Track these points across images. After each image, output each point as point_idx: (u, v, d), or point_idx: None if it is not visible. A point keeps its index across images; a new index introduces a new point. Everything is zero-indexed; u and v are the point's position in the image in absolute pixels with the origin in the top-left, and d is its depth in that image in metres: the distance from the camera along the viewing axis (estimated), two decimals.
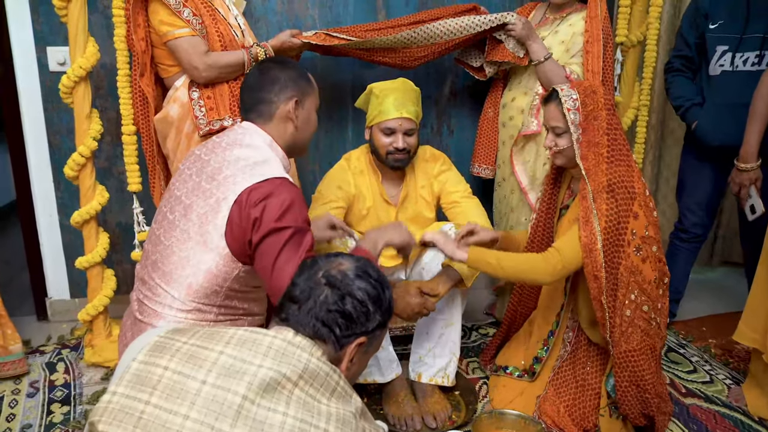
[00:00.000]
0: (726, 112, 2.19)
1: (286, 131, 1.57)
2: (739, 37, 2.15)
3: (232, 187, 1.38)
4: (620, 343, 1.72)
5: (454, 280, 1.88)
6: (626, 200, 1.70)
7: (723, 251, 3.39)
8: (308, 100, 1.60)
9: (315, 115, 1.65)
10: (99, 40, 2.15)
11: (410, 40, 2.22)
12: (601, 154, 1.72)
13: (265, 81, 1.56)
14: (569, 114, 1.74)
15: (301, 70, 1.62)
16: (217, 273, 1.39)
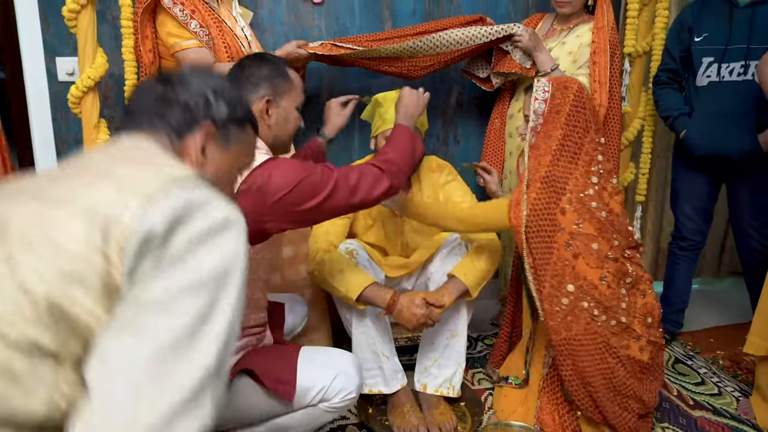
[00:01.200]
0: (714, 121, 2.22)
1: (262, 130, 1.54)
2: (723, 48, 2.18)
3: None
4: (560, 330, 1.74)
5: (459, 290, 1.88)
6: (554, 194, 1.76)
7: (731, 262, 3.37)
8: (285, 98, 1.57)
9: (295, 113, 1.61)
10: (107, 51, 2.17)
11: (416, 50, 2.23)
12: (550, 146, 1.78)
13: (240, 79, 1.54)
14: (534, 103, 1.82)
15: (280, 67, 1.58)
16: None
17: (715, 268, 3.41)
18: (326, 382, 1.49)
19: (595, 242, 1.74)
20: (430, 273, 2.05)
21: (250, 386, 1.48)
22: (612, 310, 1.75)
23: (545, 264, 1.74)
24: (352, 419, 1.98)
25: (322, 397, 1.49)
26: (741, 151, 2.19)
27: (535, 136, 1.80)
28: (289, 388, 1.45)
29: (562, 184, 1.76)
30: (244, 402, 1.50)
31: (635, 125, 2.56)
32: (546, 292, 1.75)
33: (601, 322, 1.74)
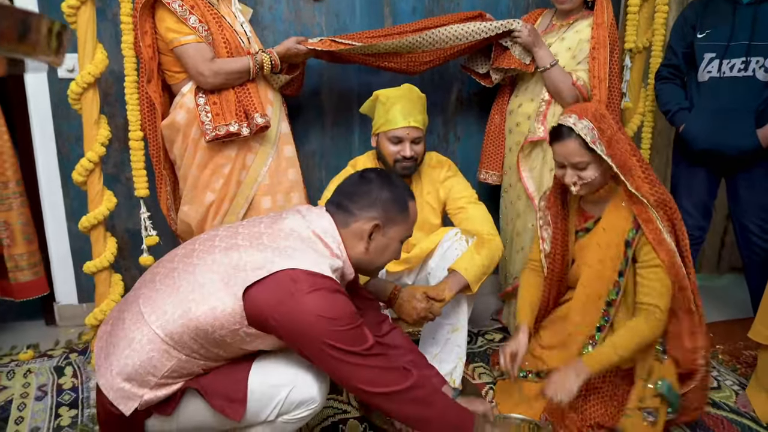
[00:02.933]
0: (714, 117, 2.24)
1: (356, 247, 1.47)
2: (725, 45, 2.21)
3: (287, 259, 1.31)
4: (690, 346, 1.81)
5: (460, 285, 1.88)
6: (678, 221, 1.77)
7: (730, 258, 3.38)
8: (394, 228, 1.49)
9: (398, 245, 1.54)
10: (107, 48, 2.17)
11: (416, 45, 2.24)
12: (638, 176, 1.74)
13: (358, 189, 1.48)
14: (597, 146, 1.69)
15: (403, 196, 1.51)
16: (220, 317, 1.30)
17: (715, 264, 3.41)
18: (281, 396, 1.39)
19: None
20: (431, 268, 2.05)
21: (200, 405, 1.41)
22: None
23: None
24: (353, 413, 1.98)
25: (279, 411, 1.41)
26: (740, 147, 2.20)
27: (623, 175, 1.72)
28: (237, 406, 1.37)
29: (672, 202, 1.79)
30: (196, 419, 1.43)
31: (635, 121, 2.57)
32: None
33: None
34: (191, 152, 2.14)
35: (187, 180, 2.18)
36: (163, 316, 1.33)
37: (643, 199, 1.73)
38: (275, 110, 2.23)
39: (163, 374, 1.34)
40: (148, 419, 1.40)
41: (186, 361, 1.35)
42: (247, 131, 2.09)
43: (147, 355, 1.32)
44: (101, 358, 1.39)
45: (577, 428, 1.80)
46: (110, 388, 1.33)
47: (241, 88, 2.12)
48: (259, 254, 1.33)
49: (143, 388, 1.33)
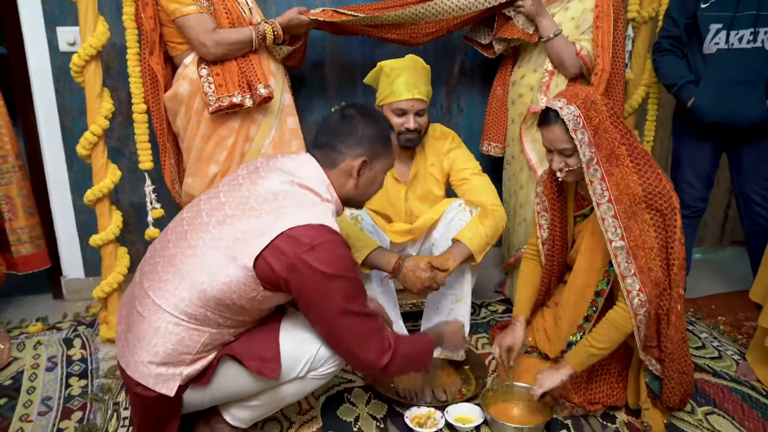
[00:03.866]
0: (724, 89, 2.20)
1: (346, 184, 1.52)
2: (732, 15, 2.16)
3: (282, 219, 1.36)
4: (674, 337, 1.72)
5: (464, 255, 1.90)
6: (667, 201, 1.67)
7: (733, 231, 3.38)
8: (379, 162, 1.55)
9: (383, 177, 1.60)
10: (109, 20, 2.15)
11: (418, 16, 2.22)
12: (626, 165, 1.66)
13: (342, 128, 1.51)
14: (576, 135, 1.63)
15: (384, 130, 1.55)
16: (235, 289, 1.37)
17: (718, 238, 3.42)
18: (312, 352, 1.50)
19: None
20: (435, 238, 2.06)
21: (235, 370, 1.48)
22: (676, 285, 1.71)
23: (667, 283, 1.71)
24: (358, 382, 2.01)
25: (309, 367, 1.50)
26: (751, 118, 2.18)
27: (601, 166, 1.64)
28: (274, 366, 1.45)
29: (668, 199, 1.66)
30: (232, 385, 1.50)
31: (640, 92, 2.55)
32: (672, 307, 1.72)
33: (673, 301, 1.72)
34: (194, 124, 2.14)
35: (190, 152, 2.18)
36: (181, 303, 1.38)
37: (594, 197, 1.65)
38: (278, 82, 2.22)
39: (198, 350, 1.41)
40: (184, 393, 1.45)
41: (217, 333, 1.42)
42: (250, 102, 2.08)
43: (177, 338, 1.38)
44: (127, 356, 1.44)
45: (582, 405, 1.83)
46: (148, 376, 1.39)
47: (243, 59, 2.11)
48: (254, 221, 1.38)
49: (180, 366, 1.40)
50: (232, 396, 1.54)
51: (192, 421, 1.64)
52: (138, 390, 1.41)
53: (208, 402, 1.52)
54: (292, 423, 1.79)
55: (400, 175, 2.13)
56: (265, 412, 1.61)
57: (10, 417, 1.83)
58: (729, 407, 1.90)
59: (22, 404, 1.90)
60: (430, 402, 1.88)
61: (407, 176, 2.13)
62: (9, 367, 2.12)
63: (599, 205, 1.65)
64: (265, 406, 1.57)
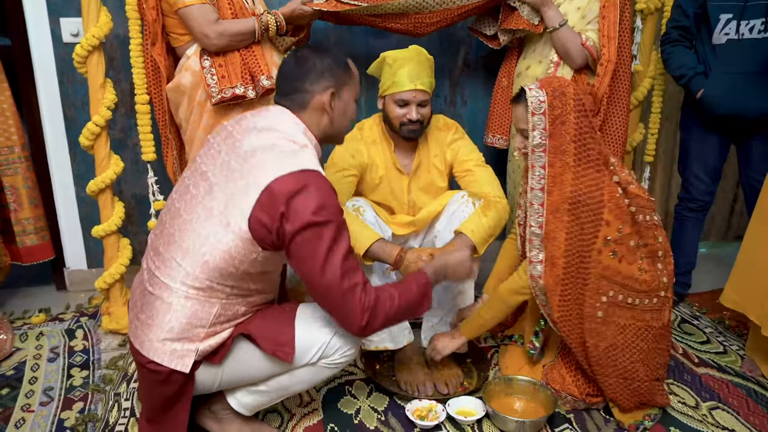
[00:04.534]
0: (734, 81, 2.16)
1: (321, 122, 1.53)
2: (742, 5, 2.12)
3: (264, 173, 1.36)
4: (597, 344, 1.70)
5: (466, 247, 1.88)
6: (594, 211, 1.66)
7: (739, 225, 3.35)
8: (346, 89, 1.55)
9: (353, 105, 1.60)
10: (111, 11, 2.15)
11: (422, 6, 2.20)
12: (567, 162, 1.66)
13: (301, 70, 1.51)
14: (533, 118, 1.67)
15: (340, 58, 1.55)
16: (235, 255, 1.38)
17: (724, 232, 3.39)
18: (325, 339, 1.51)
19: (632, 239, 1.69)
20: (437, 230, 2.05)
21: (250, 349, 1.50)
22: (654, 291, 1.71)
23: (578, 287, 1.70)
24: (359, 375, 2.00)
25: (321, 354, 1.52)
26: (761, 110, 2.15)
27: (547, 155, 1.67)
28: (288, 349, 1.47)
29: (598, 197, 1.66)
30: (244, 365, 1.51)
31: (645, 84, 2.53)
32: (581, 314, 1.71)
33: (637, 309, 1.71)
34: (197, 115, 2.13)
35: (193, 143, 2.17)
36: (187, 278, 1.40)
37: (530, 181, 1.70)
38: None
39: (211, 322, 1.43)
40: (197, 371, 1.46)
41: (227, 303, 1.44)
42: (253, 94, 2.07)
43: (190, 311, 1.41)
44: (141, 336, 1.45)
45: (583, 398, 1.81)
46: (163, 353, 1.41)
47: (246, 51, 2.10)
48: (239, 182, 1.39)
49: (194, 342, 1.42)
50: (242, 379, 1.54)
51: (194, 409, 1.63)
52: (151, 367, 1.42)
53: (217, 384, 1.52)
54: (293, 415, 1.78)
55: (403, 166, 2.11)
56: (271, 400, 1.61)
57: (12, 407, 1.84)
58: (734, 402, 1.88)
59: (24, 394, 1.90)
60: (431, 395, 1.87)
61: (410, 167, 2.12)
62: (12, 358, 2.13)
63: (532, 189, 1.70)
64: (272, 392, 1.58)
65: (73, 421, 1.77)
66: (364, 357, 2.04)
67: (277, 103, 1.55)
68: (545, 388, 1.82)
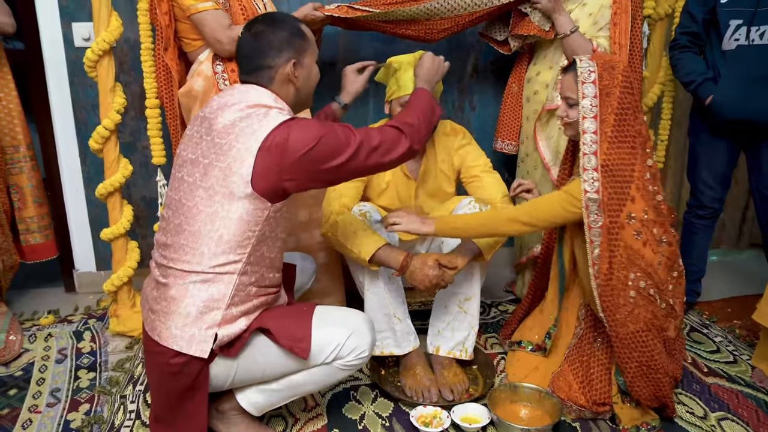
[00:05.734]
0: (744, 86, 2.14)
1: (288, 92, 1.57)
2: (753, 11, 2.10)
3: (252, 135, 1.41)
4: (626, 324, 1.70)
5: (472, 253, 1.87)
6: (622, 183, 1.69)
7: (751, 233, 3.32)
8: (306, 56, 1.58)
9: (315, 68, 1.64)
10: (123, 16, 2.17)
11: (434, 12, 2.20)
12: (605, 132, 1.69)
13: (259, 46, 1.54)
14: (582, 87, 1.71)
15: (294, 26, 1.58)
16: (249, 219, 1.43)
17: (735, 240, 3.36)
18: (341, 340, 1.52)
19: (655, 227, 1.71)
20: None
21: (266, 345, 1.52)
22: (664, 293, 1.73)
23: (612, 256, 1.70)
24: (364, 380, 2.00)
25: (336, 355, 1.53)
26: None
27: (597, 122, 1.70)
28: (305, 345, 1.49)
29: (628, 172, 1.69)
30: (261, 360, 1.53)
31: (655, 91, 2.51)
32: (614, 285, 1.70)
33: (656, 306, 1.72)
34: None
35: None
36: (203, 257, 1.43)
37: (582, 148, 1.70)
38: None
39: (228, 303, 1.45)
40: (211, 364, 1.48)
41: (241, 280, 1.46)
42: None
43: (206, 292, 1.43)
44: (158, 327, 1.47)
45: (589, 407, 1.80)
46: (181, 340, 1.43)
47: None
48: (231, 152, 1.42)
49: (212, 327, 1.44)
50: (256, 376, 1.56)
51: None
52: (169, 356, 1.43)
53: (230, 381, 1.53)
54: (297, 420, 1.78)
55: (410, 171, 2.11)
56: (282, 399, 1.62)
57: (19, 407, 1.85)
58: (743, 413, 1.86)
59: (31, 395, 1.92)
60: (436, 401, 1.86)
61: (417, 173, 2.12)
62: (20, 359, 2.15)
63: (585, 155, 1.70)
64: (283, 391, 1.59)
65: (80, 422, 1.78)
66: (370, 362, 2.04)
67: (244, 82, 1.58)
68: (551, 396, 1.81)
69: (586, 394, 1.81)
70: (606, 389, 1.80)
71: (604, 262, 1.69)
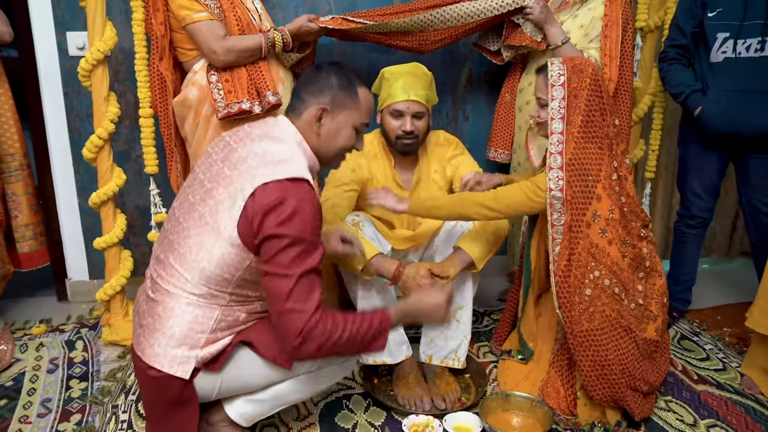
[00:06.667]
0: (732, 99, 2.18)
1: (311, 136, 1.52)
2: (739, 24, 2.15)
3: (251, 179, 1.37)
4: (581, 321, 1.75)
5: (464, 262, 1.89)
6: (587, 182, 1.74)
7: (741, 242, 3.35)
8: (343, 113, 1.52)
9: (349, 132, 1.54)
10: (117, 25, 2.18)
11: (427, 23, 2.23)
12: (572, 132, 1.76)
13: (310, 78, 1.52)
14: (552, 89, 1.77)
15: (349, 80, 1.53)
16: (230, 262, 1.39)
17: (726, 248, 3.39)
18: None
19: (620, 227, 1.75)
20: (437, 246, 2.06)
21: (250, 357, 1.51)
22: (631, 293, 1.76)
23: (571, 254, 1.74)
24: (357, 389, 2.00)
25: (320, 364, 1.52)
26: (758, 128, 2.16)
27: (564, 122, 1.75)
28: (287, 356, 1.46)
29: (594, 172, 1.74)
30: (244, 372, 1.52)
31: (646, 101, 2.54)
32: (571, 282, 1.74)
33: (623, 306, 1.75)
34: (203, 129, 2.15)
35: (198, 156, 2.18)
36: (187, 284, 1.42)
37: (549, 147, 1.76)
38: (286, 88, 2.22)
39: (212, 328, 1.44)
40: (196, 378, 1.46)
41: (227, 309, 1.45)
42: (258, 109, 2.09)
43: (192, 316, 1.42)
44: (143, 343, 1.46)
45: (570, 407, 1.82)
46: (163, 360, 1.41)
47: (252, 66, 2.12)
48: (229, 188, 1.39)
49: (195, 349, 1.43)
50: (241, 387, 1.55)
51: None
52: (151, 373, 1.42)
53: (216, 392, 1.52)
54: (290, 429, 1.78)
55: (403, 181, 2.13)
56: (270, 409, 1.61)
57: (9, 418, 1.84)
58: (732, 420, 1.87)
59: (21, 405, 1.91)
60: (428, 410, 1.87)
61: (410, 183, 2.13)
62: (11, 368, 2.14)
63: (551, 154, 1.76)
64: (270, 401, 1.58)
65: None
66: (363, 371, 2.04)
67: (285, 112, 1.57)
68: (542, 405, 1.82)
69: (567, 399, 1.83)
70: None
71: (563, 260, 1.75)
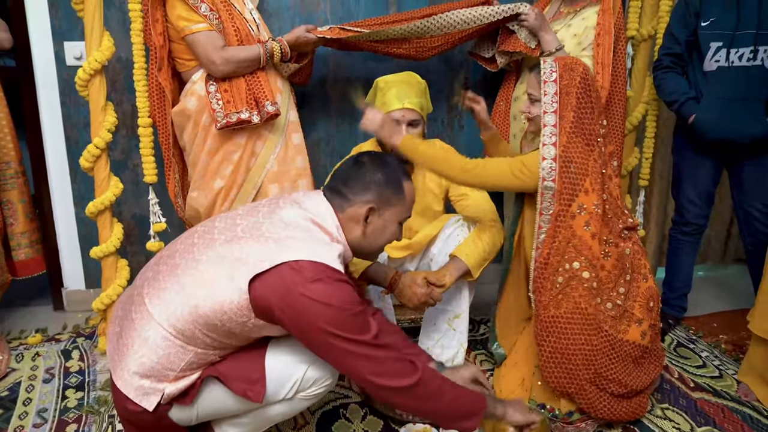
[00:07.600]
0: (725, 107, 2.21)
1: (354, 231, 1.48)
2: (732, 34, 2.18)
3: (288, 250, 1.32)
4: (549, 307, 1.79)
5: (461, 271, 1.89)
6: (577, 175, 1.78)
7: (736, 249, 3.37)
8: (390, 210, 1.50)
9: (395, 227, 1.53)
10: (115, 35, 2.19)
11: (424, 30, 2.25)
12: (564, 127, 1.80)
13: (351, 174, 1.49)
14: (544, 86, 1.82)
15: (396, 176, 1.50)
16: (227, 311, 1.32)
17: (721, 255, 3.40)
18: (299, 374, 1.44)
19: (602, 224, 1.78)
20: (433, 254, 2.06)
21: (220, 391, 1.44)
22: (608, 292, 1.78)
23: (552, 243, 1.78)
24: (354, 398, 2.00)
25: (297, 389, 1.45)
26: (751, 136, 2.18)
27: (557, 116, 1.80)
28: (259, 388, 1.41)
29: (583, 166, 1.78)
30: (217, 405, 1.46)
31: (639, 110, 2.56)
32: (547, 269, 1.78)
33: (595, 304, 1.76)
34: (201, 139, 2.16)
35: (196, 166, 2.20)
36: (172, 315, 1.34)
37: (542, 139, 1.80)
38: (284, 98, 2.24)
39: (182, 367, 1.37)
40: (170, 410, 1.41)
41: (203, 353, 1.38)
42: (257, 119, 2.10)
43: (164, 352, 1.35)
44: (115, 360, 1.41)
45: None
46: (130, 387, 1.36)
47: (251, 77, 2.13)
48: (260, 246, 1.34)
49: (163, 382, 1.37)
50: (218, 415, 1.50)
51: None
52: (125, 401, 1.38)
53: (195, 419, 1.48)
54: None
55: None
56: (257, 429, 1.57)
57: (5, 429, 1.83)
58: (729, 428, 1.88)
59: (17, 416, 1.90)
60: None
61: None
62: (6, 378, 2.13)
63: (544, 145, 1.80)
64: (254, 423, 1.53)
65: None
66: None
67: (324, 191, 1.52)
68: (539, 412, 1.81)
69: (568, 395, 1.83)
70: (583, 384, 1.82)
71: (546, 248, 1.79)
